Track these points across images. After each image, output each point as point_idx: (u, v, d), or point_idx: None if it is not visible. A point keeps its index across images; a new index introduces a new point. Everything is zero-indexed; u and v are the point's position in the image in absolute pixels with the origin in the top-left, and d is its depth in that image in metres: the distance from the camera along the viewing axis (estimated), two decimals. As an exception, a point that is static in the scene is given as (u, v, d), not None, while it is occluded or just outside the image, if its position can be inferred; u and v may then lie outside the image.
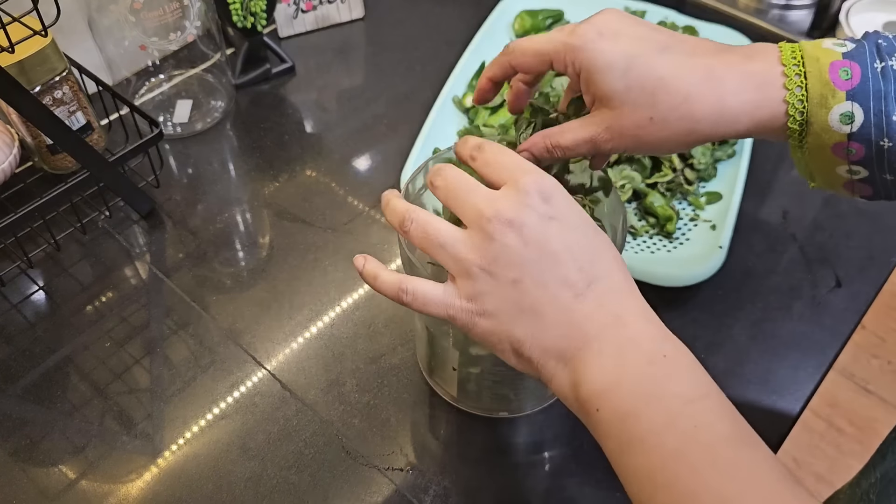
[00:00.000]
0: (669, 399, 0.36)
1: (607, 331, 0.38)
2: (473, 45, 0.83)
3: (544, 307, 0.39)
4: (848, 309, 0.66)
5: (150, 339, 0.63)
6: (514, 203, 0.39)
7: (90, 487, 0.54)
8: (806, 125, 0.42)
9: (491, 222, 0.39)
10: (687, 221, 0.69)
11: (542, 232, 0.39)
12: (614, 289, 0.39)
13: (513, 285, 0.39)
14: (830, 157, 0.42)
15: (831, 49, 0.41)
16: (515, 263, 0.38)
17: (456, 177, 0.41)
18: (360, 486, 0.54)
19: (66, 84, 0.66)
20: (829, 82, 0.40)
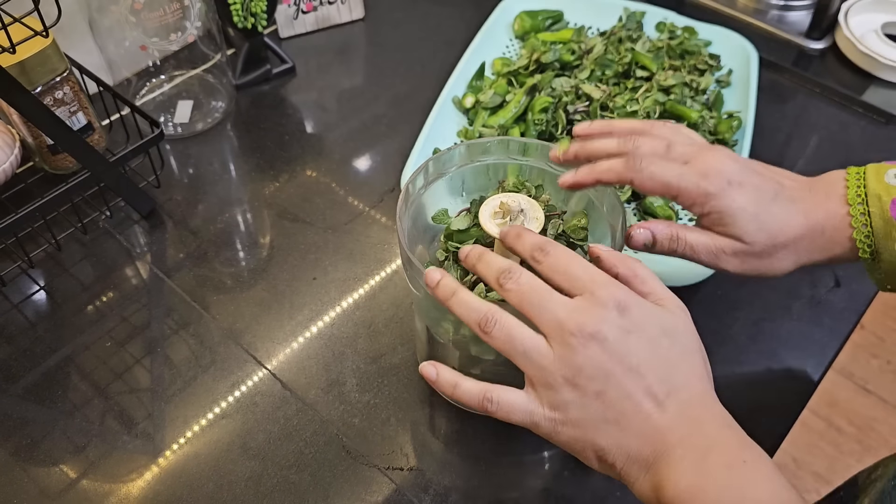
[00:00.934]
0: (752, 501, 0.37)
1: (688, 438, 0.39)
2: (473, 45, 0.83)
3: (628, 418, 0.40)
4: (847, 309, 0.66)
5: (151, 339, 0.63)
6: (594, 317, 0.40)
7: (91, 487, 0.54)
8: (876, 255, 0.48)
9: (574, 336, 0.40)
10: (687, 222, 0.69)
11: (624, 345, 0.40)
12: (693, 397, 0.41)
13: (597, 397, 0.40)
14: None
15: (892, 185, 0.48)
16: (599, 376, 0.40)
17: (530, 283, 0.42)
18: (361, 485, 0.54)
19: (66, 84, 0.66)
20: (891, 218, 0.47)
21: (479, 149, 0.55)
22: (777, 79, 0.88)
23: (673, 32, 0.85)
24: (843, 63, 0.89)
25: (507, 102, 0.77)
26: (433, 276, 0.45)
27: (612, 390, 0.40)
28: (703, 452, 0.39)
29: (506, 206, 0.48)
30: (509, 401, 0.42)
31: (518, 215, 0.48)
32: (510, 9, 0.89)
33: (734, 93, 0.80)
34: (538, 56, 0.80)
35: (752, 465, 0.38)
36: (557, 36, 0.85)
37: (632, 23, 0.86)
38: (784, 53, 0.91)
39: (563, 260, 0.43)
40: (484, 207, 0.50)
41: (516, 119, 0.76)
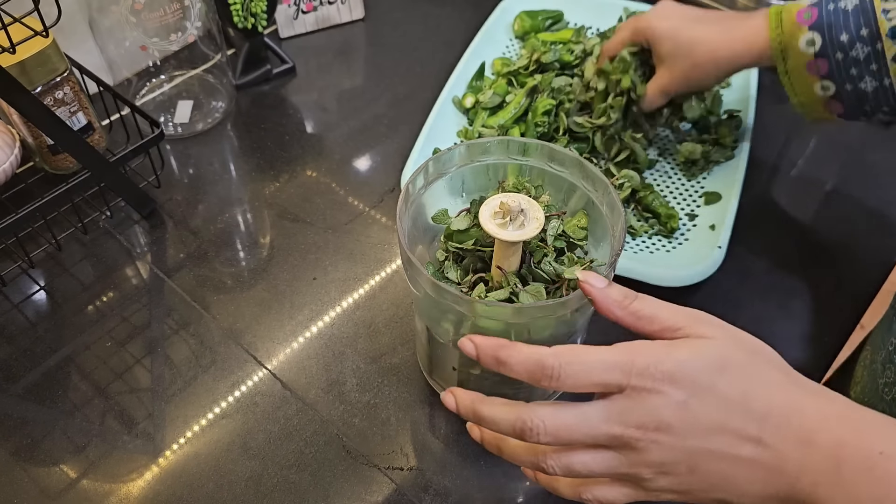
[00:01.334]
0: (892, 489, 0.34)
1: (809, 462, 0.36)
2: (473, 45, 0.83)
3: (733, 473, 0.37)
4: (847, 309, 0.66)
5: (151, 339, 0.63)
6: (646, 409, 0.37)
7: (91, 487, 0.54)
8: (785, 52, 0.62)
9: (640, 440, 0.37)
10: (686, 221, 0.69)
11: (689, 418, 0.37)
12: (785, 414, 0.37)
13: (692, 473, 0.37)
14: (806, 74, 0.62)
15: (800, 3, 0.62)
16: (683, 459, 0.37)
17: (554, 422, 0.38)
18: (361, 485, 0.54)
19: (67, 84, 0.66)
20: (795, 22, 0.62)
21: (479, 149, 0.55)
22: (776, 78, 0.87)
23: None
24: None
25: (508, 103, 0.77)
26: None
27: (703, 463, 0.37)
28: (834, 469, 0.35)
29: (506, 207, 0.48)
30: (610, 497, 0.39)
31: (518, 215, 0.48)
32: (510, 9, 0.89)
33: (734, 93, 0.80)
34: (538, 56, 0.80)
35: (889, 452, 0.35)
36: (557, 36, 0.85)
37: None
38: (784, 53, 0.91)
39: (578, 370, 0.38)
40: (484, 208, 0.50)
41: (516, 119, 0.76)
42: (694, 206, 0.71)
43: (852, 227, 0.72)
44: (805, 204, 0.74)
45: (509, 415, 0.39)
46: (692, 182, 0.73)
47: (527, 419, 0.38)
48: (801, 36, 0.61)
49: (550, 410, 0.38)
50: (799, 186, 0.76)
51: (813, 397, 0.38)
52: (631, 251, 0.67)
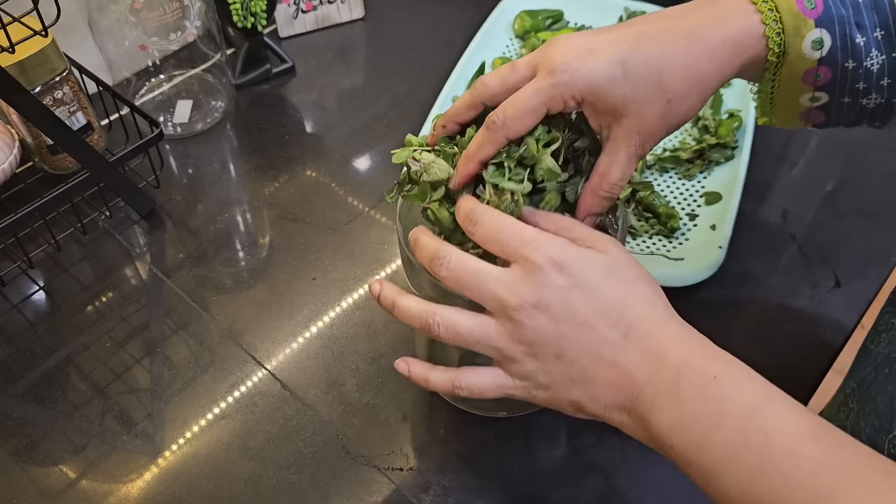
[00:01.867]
0: (733, 418, 0.37)
1: (655, 374, 0.39)
2: (473, 45, 0.83)
3: (592, 371, 0.40)
4: (847, 308, 0.66)
5: (151, 339, 0.63)
6: (533, 284, 0.40)
7: (90, 487, 0.54)
8: (783, 56, 0.44)
9: (518, 311, 0.40)
10: (687, 221, 0.69)
11: (568, 304, 0.40)
12: (651, 328, 0.40)
13: (557, 360, 0.41)
14: (799, 85, 0.45)
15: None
16: (553, 341, 0.40)
17: (461, 265, 0.42)
18: (360, 485, 0.54)
19: (66, 84, 0.66)
20: (798, 13, 0.43)
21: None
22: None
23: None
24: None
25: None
26: (374, 288, 0.46)
27: (569, 351, 0.40)
28: (672, 383, 0.39)
29: None
30: (479, 383, 0.43)
31: None
32: (510, 8, 0.89)
33: (734, 93, 0.80)
34: (538, 56, 0.80)
35: (723, 377, 0.38)
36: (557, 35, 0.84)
37: (632, 22, 0.86)
38: (784, 53, 0.90)
39: (493, 226, 0.42)
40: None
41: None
42: (694, 205, 0.71)
43: (852, 227, 0.72)
44: (806, 204, 0.74)
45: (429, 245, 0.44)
46: (692, 182, 0.73)
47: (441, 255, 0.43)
48: (806, 34, 0.43)
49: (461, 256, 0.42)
50: (800, 186, 0.76)
51: (680, 326, 0.41)
52: (631, 251, 0.67)
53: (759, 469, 0.35)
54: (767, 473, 0.35)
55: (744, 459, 0.36)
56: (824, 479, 0.34)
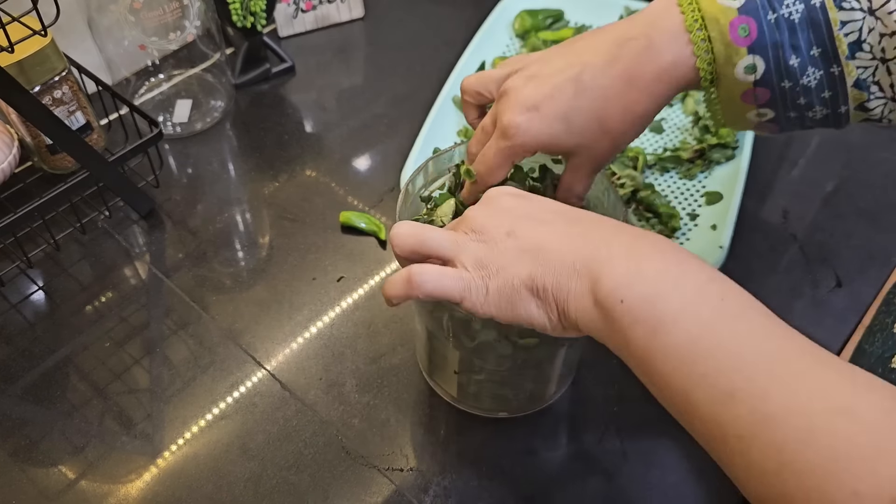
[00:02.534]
0: (693, 276, 0.37)
1: (613, 237, 0.40)
2: (473, 45, 0.83)
3: (544, 240, 0.40)
4: (848, 309, 0.65)
5: (150, 340, 0.62)
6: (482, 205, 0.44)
7: (90, 488, 0.54)
8: (717, 81, 0.46)
9: (466, 219, 0.43)
10: (687, 221, 0.69)
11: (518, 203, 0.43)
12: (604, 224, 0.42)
13: (508, 236, 0.41)
14: (740, 104, 0.47)
15: (728, 6, 0.44)
16: (504, 222, 0.41)
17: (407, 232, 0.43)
18: (360, 486, 0.54)
19: (65, 84, 0.66)
20: (731, 42, 0.44)
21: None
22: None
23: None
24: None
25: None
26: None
27: (520, 226, 0.41)
28: (630, 245, 0.39)
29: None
30: (436, 274, 0.41)
31: None
32: (510, 8, 0.89)
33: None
34: (538, 55, 0.80)
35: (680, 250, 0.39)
36: (558, 35, 0.85)
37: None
38: (785, 53, 0.90)
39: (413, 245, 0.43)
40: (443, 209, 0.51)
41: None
42: (695, 205, 0.71)
43: (853, 226, 0.72)
44: (806, 204, 0.74)
45: (399, 276, 0.44)
46: (693, 182, 0.73)
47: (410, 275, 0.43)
48: (738, 61, 0.45)
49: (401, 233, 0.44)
50: (800, 186, 0.76)
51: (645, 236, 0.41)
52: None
53: (710, 325, 0.35)
54: (717, 330, 0.35)
55: (698, 313, 0.36)
56: (774, 344, 0.35)
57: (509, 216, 0.42)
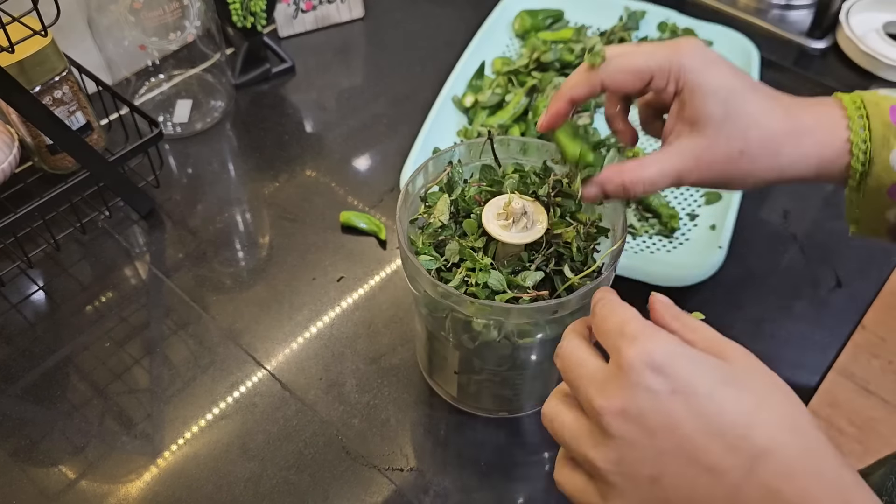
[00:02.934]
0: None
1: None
2: (473, 45, 0.83)
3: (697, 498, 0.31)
4: (848, 309, 0.65)
5: (150, 340, 0.63)
6: (624, 386, 0.32)
7: (90, 487, 0.54)
8: (868, 165, 0.43)
9: (603, 415, 0.32)
10: (687, 221, 0.69)
11: (667, 415, 0.31)
12: (785, 463, 0.30)
13: (652, 484, 0.32)
14: (885, 199, 0.44)
15: (889, 95, 0.44)
16: (647, 459, 0.32)
17: (566, 353, 0.36)
18: (360, 486, 0.54)
19: (65, 84, 0.66)
20: (891, 124, 0.42)
21: (478, 148, 0.54)
22: (778, 78, 0.87)
23: (675, 32, 0.85)
24: (844, 62, 0.89)
25: (507, 102, 0.77)
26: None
27: (667, 474, 0.31)
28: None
29: (510, 209, 0.48)
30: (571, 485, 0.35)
31: (521, 218, 0.48)
32: (510, 8, 0.88)
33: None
34: (538, 55, 0.80)
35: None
36: (558, 35, 0.85)
37: (632, 22, 0.86)
38: (785, 53, 0.90)
39: (605, 316, 0.36)
40: (488, 207, 0.50)
41: (516, 118, 0.76)
42: (695, 205, 0.71)
43: (853, 226, 0.72)
44: (806, 204, 0.74)
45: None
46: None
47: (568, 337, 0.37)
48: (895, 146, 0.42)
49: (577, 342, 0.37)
50: (800, 186, 0.76)
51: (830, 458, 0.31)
52: (632, 251, 0.67)
53: None
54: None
55: None
56: None
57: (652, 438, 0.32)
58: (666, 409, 0.31)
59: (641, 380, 0.32)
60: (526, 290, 0.47)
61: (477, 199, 0.51)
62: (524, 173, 0.53)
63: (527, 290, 0.47)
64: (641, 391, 0.32)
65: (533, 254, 0.49)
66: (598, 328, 0.36)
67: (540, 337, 0.48)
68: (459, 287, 0.47)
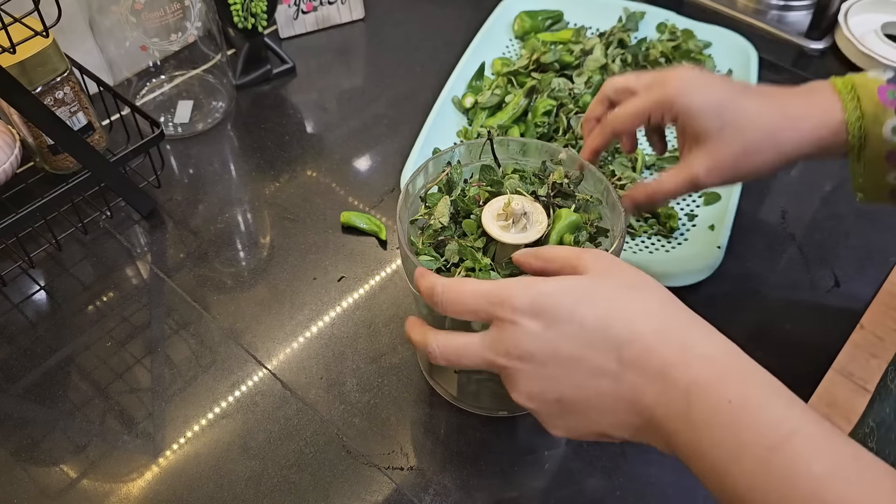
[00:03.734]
0: (753, 450, 0.34)
1: (662, 395, 0.37)
2: (473, 45, 0.83)
3: (598, 404, 0.38)
4: (847, 308, 0.66)
5: (151, 339, 0.63)
6: (511, 340, 0.39)
7: (91, 486, 0.54)
8: (864, 139, 0.50)
9: (508, 368, 0.40)
10: (686, 221, 0.69)
11: (548, 346, 0.38)
12: (647, 344, 0.37)
13: (559, 404, 0.39)
14: (884, 165, 0.50)
15: (876, 77, 0.50)
16: (549, 387, 0.39)
17: (443, 344, 0.42)
18: (361, 485, 0.54)
19: (67, 84, 0.66)
20: (879, 102, 0.49)
21: (478, 149, 0.55)
22: (777, 79, 0.88)
23: (674, 33, 0.85)
24: (843, 63, 0.89)
25: (507, 103, 0.77)
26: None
27: (566, 391, 0.39)
28: (683, 405, 0.36)
29: (509, 209, 0.48)
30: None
31: (521, 218, 0.48)
32: (510, 9, 0.89)
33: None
34: (538, 56, 0.80)
35: (738, 401, 0.35)
36: (557, 36, 0.85)
37: (631, 23, 0.86)
38: (784, 54, 0.91)
39: (453, 297, 0.41)
40: (488, 208, 0.50)
41: (516, 119, 0.76)
42: (693, 206, 0.71)
43: (851, 226, 0.72)
44: (805, 204, 0.74)
45: (418, 335, 0.43)
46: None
47: (428, 342, 0.42)
48: (886, 121, 0.49)
49: (444, 337, 0.42)
50: (799, 186, 0.76)
51: (686, 333, 0.38)
52: (631, 251, 0.67)
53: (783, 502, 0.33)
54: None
55: (766, 495, 0.34)
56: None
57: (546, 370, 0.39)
58: (545, 343, 0.38)
59: (521, 329, 0.39)
60: None
61: (476, 199, 0.52)
62: (524, 174, 0.53)
63: None
64: (525, 336, 0.38)
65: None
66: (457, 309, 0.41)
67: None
68: None
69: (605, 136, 0.55)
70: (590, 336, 0.38)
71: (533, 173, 0.54)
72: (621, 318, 0.38)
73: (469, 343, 0.41)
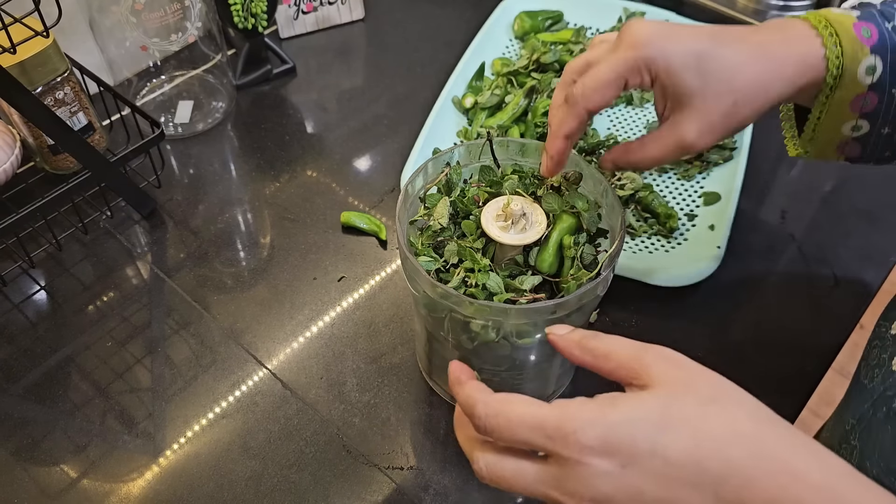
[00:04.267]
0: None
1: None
2: (473, 45, 0.83)
3: None
4: (847, 308, 0.66)
5: (152, 339, 0.63)
6: (580, 482, 0.33)
7: (91, 486, 0.54)
8: (839, 79, 0.46)
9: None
10: (685, 221, 0.70)
11: (630, 488, 0.32)
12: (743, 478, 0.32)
13: None
14: (846, 112, 0.47)
15: (848, 14, 0.47)
16: None
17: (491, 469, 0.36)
18: (361, 484, 0.54)
19: (67, 85, 0.66)
20: (856, 39, 0.45)
21: (478, 150, 0.55)
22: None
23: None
24: (842, 63, 0.89)
25: (507, 104, 0.77)
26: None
27: None
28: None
29: (509, 210, 0.48)
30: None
31: (520, 219, 0.48)
32: (510, 9, 0.89)
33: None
34: (538, 56, 0.80)
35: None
36: (557, 36, 0.85)
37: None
38: (784, 54, 0.91)
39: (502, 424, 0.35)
40: (487, 209, 0.50)
41: (516, 120, 0.76)
42: (693, 206, 0.71)
43: (851, 226, 0.72)
44: (804, 204, 0.74)
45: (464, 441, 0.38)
46: (691, 182, 0.73)
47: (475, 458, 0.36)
48: (862, 59, 0.45)
49: (494, 458, 0.36)
50: (798, 186, 0.76)
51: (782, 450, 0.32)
52: (630, 251, 0.67)
53: None
54: None
55: None
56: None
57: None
58: (627, 485, 0.32)
59: (593, 470, 0.32)
60: (523, 294, 0.48)
61: (476, 200, 0.52)
62: (523, 174, 0.53)
63: (524, 293, 0.48)
64: (599, 478, 0.32)
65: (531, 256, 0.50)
66: (507, 437, 0.35)
67: (539, 338, 0.48)
68: (458, 288, 0.48)
69: (578, 116, 0.47)
70: (678, 473, 0.32)
71: (532, 174, 0.54)
72: (711, 447, 0.32)
73: (523, 472, 0.35)
